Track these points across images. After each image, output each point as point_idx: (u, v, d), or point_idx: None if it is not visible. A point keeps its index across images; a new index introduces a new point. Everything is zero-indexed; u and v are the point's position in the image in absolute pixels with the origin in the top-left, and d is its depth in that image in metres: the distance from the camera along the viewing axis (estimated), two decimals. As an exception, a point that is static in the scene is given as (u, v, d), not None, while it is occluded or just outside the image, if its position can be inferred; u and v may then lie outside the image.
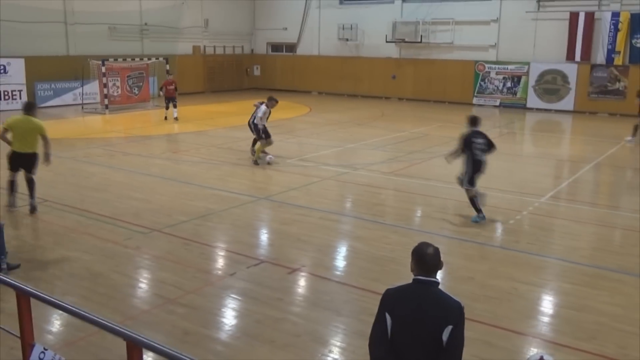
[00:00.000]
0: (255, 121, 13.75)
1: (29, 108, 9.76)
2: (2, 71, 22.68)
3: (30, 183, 9.63)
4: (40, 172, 10.35)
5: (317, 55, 31.86)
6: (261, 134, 13.80)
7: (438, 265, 3.34)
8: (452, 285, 6.84)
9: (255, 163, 13.73)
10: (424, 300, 3.24)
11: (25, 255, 7.76)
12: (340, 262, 8.05)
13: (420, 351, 3.19)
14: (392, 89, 29.69)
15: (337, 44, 30.75)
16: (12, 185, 9.71)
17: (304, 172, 13.25)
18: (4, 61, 22.65)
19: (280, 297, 6.62)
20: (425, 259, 3.31)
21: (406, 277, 7.57)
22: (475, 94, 27.45)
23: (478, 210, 9.58)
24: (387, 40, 28.73)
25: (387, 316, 3.27)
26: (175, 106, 20.83)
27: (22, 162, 9.55)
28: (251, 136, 14.39)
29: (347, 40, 30.16)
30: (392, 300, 3.33)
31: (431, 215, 10.20)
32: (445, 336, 3.13)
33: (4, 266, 7.08)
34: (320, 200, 10.96)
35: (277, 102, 14.14)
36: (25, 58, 23.15)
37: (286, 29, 32.65)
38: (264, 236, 9.26)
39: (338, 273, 7.57)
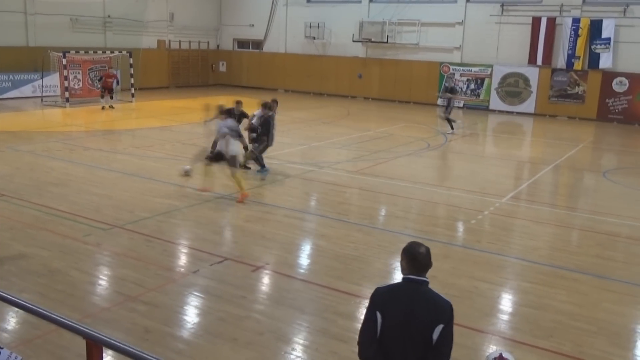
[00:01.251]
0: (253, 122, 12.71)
1: None
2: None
3: None
4: (-3, 166, 10.01)
5: (284, 53, 31.77)
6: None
7: (429, 264, 3.35)
8: (415, 283, 6.90)
9: (246, 167, 12.69)
10: (415, 299, 3.25)
11: (-20, 251, 7.52)
12: (304, 260, 8.05)
13: (410, 350, 3.21)
14: (358, 88, 29.84)
15: (304, 42, 30.72)
16: None
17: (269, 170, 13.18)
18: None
19: (243, 295, 6.58)
20: (418, 258, 3.32)
21: (371, 275, 7.64)
22: (440, 95, 27.80)
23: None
24: (354, 39, 28.85)
25: (378, 315, 3.26)
26: (111, 97, 22.37)
27: None
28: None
29: (314, 38, 30.15)
30: (382, 299, 3.32)
31: (395, 214, 10.30)
32: (435, 335, 3.15)
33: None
34: (285, 198, 10.93)
35: (277, 103, 13.32)
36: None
37: (253, 25, 32.47)
38: (227, 234, 9.19)
39: (302, 271, 7.57)
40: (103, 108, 21.84)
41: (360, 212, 10.44)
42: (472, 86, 27.02)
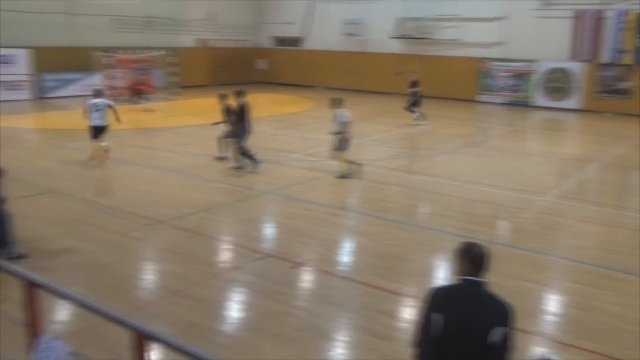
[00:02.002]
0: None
1: None
2: (8, 61, 22.65)
3: None
4: (48, 163, 10.33)
5: (323, 50, 31.81)
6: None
7: (488, 264, 3.31)
8: (457, 282, 6.85)
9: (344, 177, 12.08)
10: (474, 300, 3.22)
11: (33, 245, 7.79)
12: (344, 257, 8.07)
13: (467, 352, 3.18)
14: (397, 85, 29.60)
15: (343, 39, 30.69)
16: None
17: (308, 166, 13.26)
18: (5, 51, 22.60)
19: (284, 291, 6.64)
20: (478, 258, 3.28)
21: (412, 273, 7.60)
22: (480, 91, 27.40)
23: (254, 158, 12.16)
24: (392, 36, 28.67)
25: (435, 315, 3.25)
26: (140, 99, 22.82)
27: None
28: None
29: (352, 35, 30.09)
30: (440, 299, 3.31)
31: (436, 212, 10.21)
32: (494, 337, 3.12)
33: (13, 255, 7.11)
34: (324, 195, 10.97)
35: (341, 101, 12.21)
36: (31, 49, 23.14)
37: (292, 23, 32.60)
38: (268, 230, 9.28)
39: (342, 268, 7.59)
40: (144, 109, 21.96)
41: (400, 209, 10.39)
42: (514, 82, 26.53)
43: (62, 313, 5.96)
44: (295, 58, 32.93)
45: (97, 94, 13.77)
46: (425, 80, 28.83)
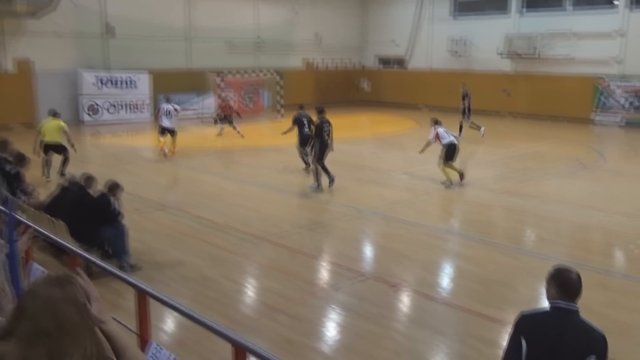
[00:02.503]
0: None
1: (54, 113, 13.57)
2: (131, 84, 24.45)
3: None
4: (161, 179, 10.93)
5: (427, 70, 31.50)
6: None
7: (580, 291, 3.18)
8: (566, 313, 6.45)
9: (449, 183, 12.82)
10: (565, 327, 3.09)
11: (145, 256, 8.28)
12: (445, 281, 7.87)
13: None
14: (505, 104, 28.68)
15: (448, 58, 30.24)
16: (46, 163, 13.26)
17: (410, 187, 13.11)
18: (132, 74, 24.42)
19: (382, 314, 6.57)
20: (570, 284, 3.17)
21: (515, 301, 7.26)
22: (595, 110, 25.87)
23: (319, 182, 12.19)
24: (501, 54, 27.84)
25: (523, 341, 3.13)
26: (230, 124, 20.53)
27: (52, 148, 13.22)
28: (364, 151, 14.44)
29: (458, 54, 29.58)
30: (528, 325, 3.20)
31: (544, 237, 9.72)
32: None
33: (126, 266, 7.61)
34: (426, 216, 10.79)
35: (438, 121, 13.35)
36: (150, 72, 24.83)
37: (396, 42, 32.62)
38: (368, 250, 9.26)
39: (443, 292, 7.40)
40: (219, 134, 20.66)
41: (505, 233, 9.99)
42: (635, 101, 24.79)
43: (169, 322, 6.27)
44: (398, 78, 32.85)
45: (167, 99, 16.54)
46: (535, 99, 27.77)
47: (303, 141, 14.28)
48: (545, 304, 6.95)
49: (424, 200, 11.98)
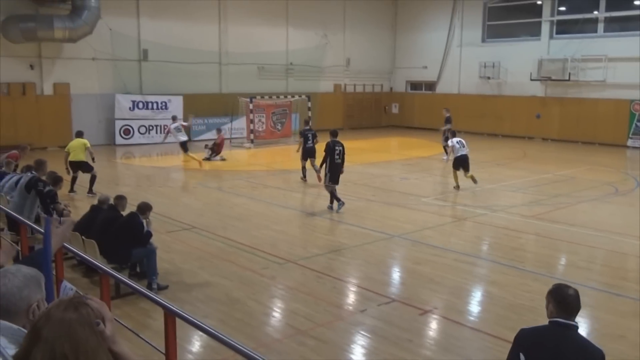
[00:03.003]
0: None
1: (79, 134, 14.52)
2: (163, 107, 24.92)
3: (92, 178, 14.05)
4: (191, 201, 11.03)
5: (457, 94, 31.40)
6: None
7: (578, 307, 3.24)
8: (600, 342, 6.22)
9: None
10: (563, 344, 3.10)
11: (173, 277, 8.36)
12: (474, 307, 7.74)
13: None
14: (536, 129, 28.36)
15: (478, 82, 30.13)
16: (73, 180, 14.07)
17: (439, 211, 13.01)
18: (165, 98, 24.90)
19: (410, 339, 6.48)
20: (567, 300, 3.20)
21: (547, 329, 7.01)
22: (631, 136, 25.37)
23: (338, 200, 12.43)
24: (532, 78, 27.62)
25: (522, 357, 3.16)
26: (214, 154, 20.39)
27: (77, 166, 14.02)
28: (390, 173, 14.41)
29: (488, 78, 29.46)
30: (527, 340, 3.23)
31: (577, 265, 9.50)
32: None
33: (155, 286, 7.68)
34: (455, 241, 10.66)
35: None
36: (184, 95, 25.29)
37: (426, 67, 32.65)
38: (396, 274, 9.17)
39: (472, 318, 7.27)
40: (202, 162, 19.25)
41: (536, 259, 9.80)
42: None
43: (196, 344, 6.28)
44: (428, 102, 32.79)
45: (174, 118, 19.37)
46: (568, 124, 27.40)
47: (304, 154, 15.74)
48: (580, 332, 6.78)
49: (453, 225, 11.86)
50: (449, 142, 15.36)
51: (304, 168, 16.03)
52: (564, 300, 3.19)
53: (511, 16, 29.76)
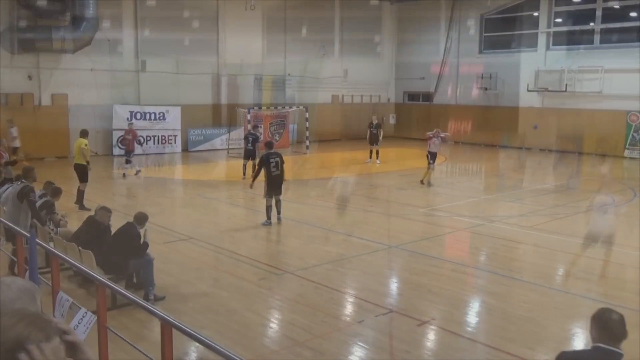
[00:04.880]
0: None
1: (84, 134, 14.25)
2: (161, 118, 24.93)
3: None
4: (189, 212, 11.01)
5: (454, 105, 31.51)
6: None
7: (624, 334, 3.09)
8: (598, 353, 6.25)
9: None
10: None
11: (170, 288, 8.31)
12: (472, 318, 7.71)
13: None
14: (533, 140, 28.44)
15: (476, 93, 30.24)
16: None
17: (437, 222, 13.00)
18: (163, 109, 24.91)
19: (408, 350, 6.46)
20: (610, 325, 3.09)
21: (545, 339, 7.06)
22: (627, 147, 25.45)
23: (268, 217, 11.97)
24: (529, 89, 27.74)
25: None
26: (127, 162, 18.64)
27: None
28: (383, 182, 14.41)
29: (485, 89, 29.58)
30: None
31: (575, 275, 9.47)
32: None
33: (152, 297, 7.64)
34: (453, 252, 10.65)
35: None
36: (181, 106, 25.32)
37: (423, 78, 32.77)
38: (393, 285, 9.15)
39: (470, 329, 7.24)
40: (124, 175, 18.58)
41: (534, 270, 9.78)
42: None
43: (192, 354, 6.24)
44: (425, 113, 32.87)
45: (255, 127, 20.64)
46: (565, 135, 27.45)
47: (245, 154, 18.03)
48: (577, 342, 6.76)
49: (451, 236, 11.84)
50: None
51: (244, 166, 17.81)
52: (606, 326, 3.08)
53: (508, 28, 29.89)
